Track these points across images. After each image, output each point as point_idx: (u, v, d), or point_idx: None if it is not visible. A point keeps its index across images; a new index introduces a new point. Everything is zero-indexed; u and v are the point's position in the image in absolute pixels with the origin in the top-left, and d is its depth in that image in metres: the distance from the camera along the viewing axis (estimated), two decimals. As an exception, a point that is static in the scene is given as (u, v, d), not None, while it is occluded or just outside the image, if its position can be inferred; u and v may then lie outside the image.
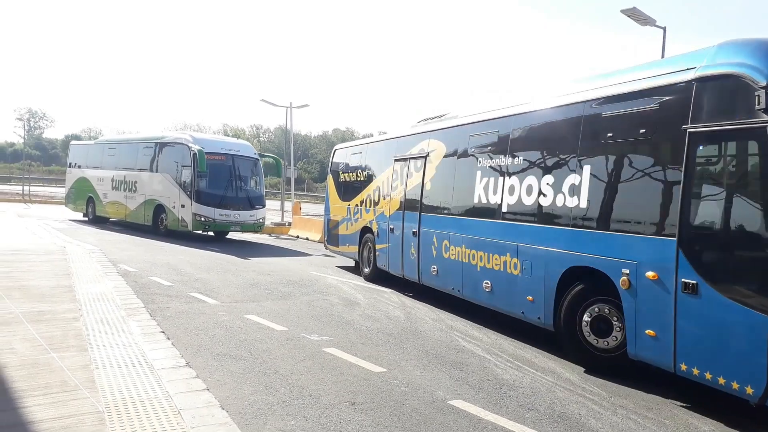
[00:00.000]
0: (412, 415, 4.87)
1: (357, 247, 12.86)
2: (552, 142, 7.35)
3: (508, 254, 7.76)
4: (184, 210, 18.79)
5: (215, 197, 18.69)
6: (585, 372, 6.42)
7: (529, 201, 7.48)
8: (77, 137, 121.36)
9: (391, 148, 11.86)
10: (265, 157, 22.57)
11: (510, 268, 7.72)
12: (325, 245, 15.08)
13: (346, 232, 13.48)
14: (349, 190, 13.60)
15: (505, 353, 7.06)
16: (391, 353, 6.76)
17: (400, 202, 10.95)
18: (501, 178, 8.06)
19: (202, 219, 18.39)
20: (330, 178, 14.97)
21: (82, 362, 5.46)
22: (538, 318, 7.24)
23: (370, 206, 12.32)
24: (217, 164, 18.85)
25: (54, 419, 4.16)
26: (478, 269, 8.42)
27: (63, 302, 7.99)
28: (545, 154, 7.45)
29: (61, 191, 47.46)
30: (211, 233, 20.23)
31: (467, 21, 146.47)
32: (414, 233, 10.28)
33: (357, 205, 12.95)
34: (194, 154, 18.36)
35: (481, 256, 8.36)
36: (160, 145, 20.65)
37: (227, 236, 20.87)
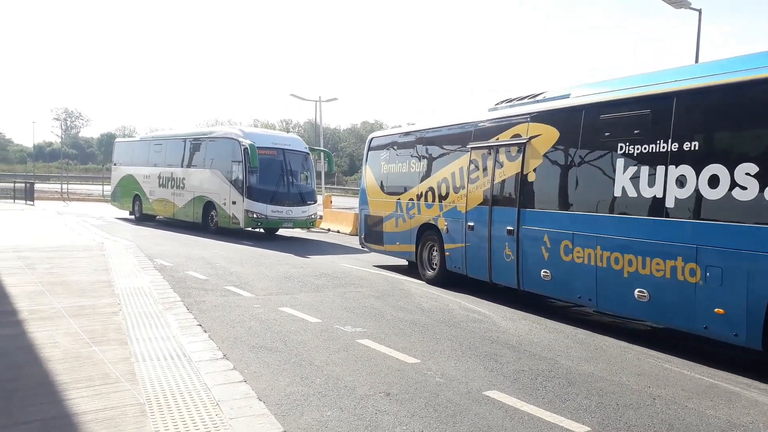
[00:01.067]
0: (447, 406, 4.87)
1: (413, 246, 11.55)
2: (748, 120, 6.09)
3: (678, 258, 6.50)
4: (235, 207, 18.31)
5: (267, 193, 18.20)
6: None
7: (715, 194, 6.17)
8: (112, 135, 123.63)
9: (462, 135, 10.49)
10: (315, 151, 22.12)
11: (683, 274, 6.46)
12: (361, 242, 13.72)
13: (396, 229, 12.18)
14: (396, 182, 12.35)
15: (539, 344, 6.99)
16: (424, 344, 6.76)
17: (484, 196, 9.65)
18: (661, 168, 6.74)
19: (255, 216, 17.92)
20: (367, 169, 13.58)
21: (123, 355, 5.58)
22: (735, 335, 6.04)
23: (433, 200, 11.03)
24: (268, 159, 18.27)
25: (97, 411, 4.26)
26: (626, 275, 7.12)
27: (103, 297, 8.18)
28: (736, 138, 6.28)
29: (97, 189, 48.62)
30: (261, 230, 19.78)
31: (469, 21, 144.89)
32: (509, 232, 8.95)
33: (412, 199, 11.67)
34: (245, 149, 17.80)
35: (630, 260, 7.07)
36: (209, 141, 20.16)
37: (277, 233, 20.35)
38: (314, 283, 10.68)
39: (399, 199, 12.12)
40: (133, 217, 24.18)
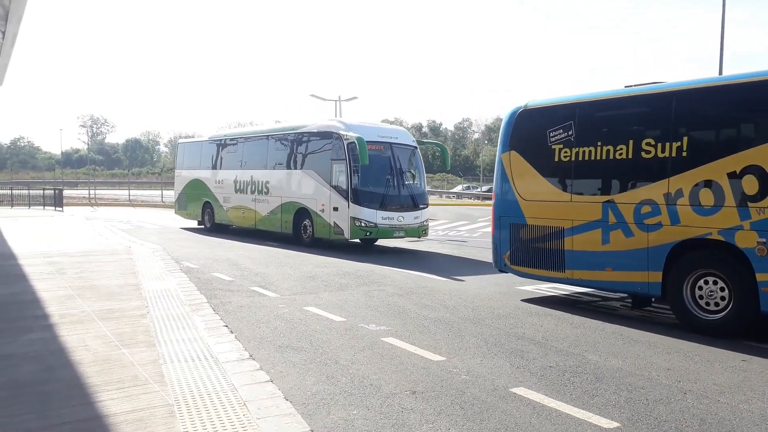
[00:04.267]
0: (473, 404, 4.84)
1: (656, 273, 7.64)
2: None
3: None
4: (337, 214, 15.45)
5: (376, 197, 15.30)
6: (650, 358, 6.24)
7: None
8: (137, 141, 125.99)
9: None
10: (425, 145, 19.00)
11: None
12: (502, 263, 9.68)
13: (604, 248, 8.15)
14: (603, 173, 8.37)
15: (566, 340, 6.92)
16: (449, 342, 6.73)
17: None
18: None
19: (362, 224, 15.02)
20: (514, 158, 9.41)
21: (151, 357, 5.66)
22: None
23: (715, 202, 7.05)
24: (375, 156, 15.19)
25: (127, 412, 4.33)
26: None
27: (131, 300, 8.30)
28: None
29: (123, 194, 49.45)
30: (356, 240, 16.13)
31: (469, 21, 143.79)
32: None
33: (649, 201, 7.66)
34: (351, 143, 15.07)
35: None
36: (301, 137, 17.29)
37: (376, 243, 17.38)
38: (338, 282, 10.71)
39: (611, 200, 8.12)
40: (202, 226, 21.79)
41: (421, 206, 16.08)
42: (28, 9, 10.74)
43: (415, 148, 16.58)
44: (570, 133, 8.71)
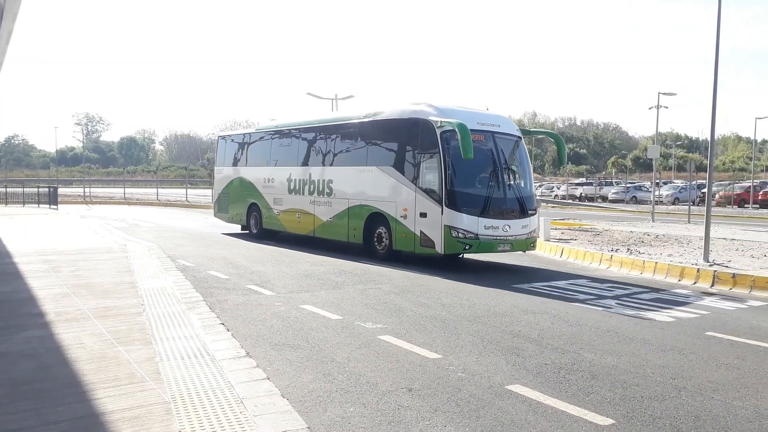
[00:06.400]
0: (469, 401, 4.86)
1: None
2: None
3: None
4: (425, 221, 12.35)
5: (478, 200, 12.17)
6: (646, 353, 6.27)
7: None
8: (132, 139, 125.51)
9: None
10: (531, 135, 15.20)
11: None
12: None
13: None
14: None
15: (561, 338, 6.95)
16: (445, 339, 6.75)
17: None
18: None
19: (461, 235, 11.85)
20: None
21: (148, 355, 5.66)
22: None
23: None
24: (474, 148, 11.65)
25: (124, 410, 4.32)
26: None
27: (126, 298, 8.29)
28: None
29: (118, 192, 49.28)
30: (436, 252, 12.30)
31: (468, 21, 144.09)
32: None
33: None
34: (446, 132, 12.07)
35: None
36: (376, 125, 14.13)
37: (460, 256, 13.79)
38: (334, 280, 10.72)
39: None
40: (247, 231, 18.86)
41: (529, 212, 12.84)
42: (23, 6, 10.69)
43: (519, 138, 13.34)
44: None
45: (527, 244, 12.73)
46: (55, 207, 32.15)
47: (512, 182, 12.70)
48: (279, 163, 17.56)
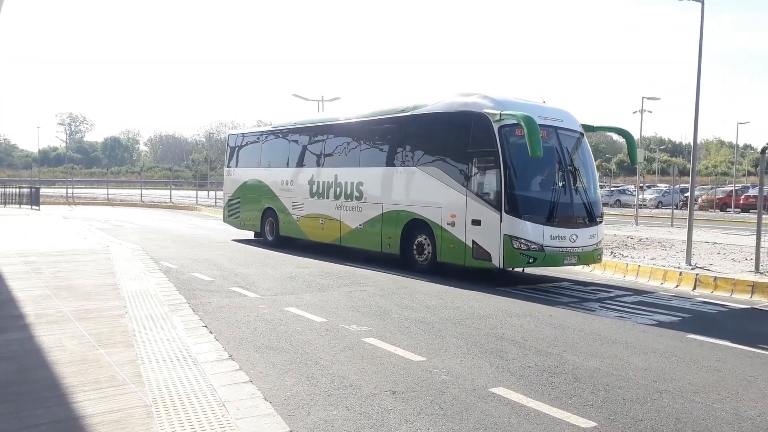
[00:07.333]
0: (453, 403, 4.87)
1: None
2: None
3: None
4: (479, 230, 10.85)
5: (543, 206, 10.77)
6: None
7: None
8: (117, 140, 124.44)
9: None
10: (597, 130, 12.91)
11: None
12: None
13: None
14: None
15: (545, 340, 6.98)
16: (430, 342, 6.76)
17: None
18: None
19: (523, 246, 10.37)
20: None
21: (129, 357, 5.60)
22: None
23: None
24: None
25: (104, 413, 4.28)
26: None
27: (108, 300, 8.21)
28: None
29: (102, 193, 48.77)
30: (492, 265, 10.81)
31: (462, 21, 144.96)
32: None
33: None
34: (506, 127, 10.63)
35: None
36: (417, 120, 12.60)
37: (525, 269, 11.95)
38: (319, 282, 10.69)
39: None
40: (262, 238, 17.38)
41: (597, 219, 11.41)
42: (5, 5, 10.59)
43: (582, 135, 11.79)
44: None
45: (594, 256, 11.32)
46: (37, 208, 31.77)
47: (578, 185, 11.18)
48: (299, 163, 16.04)
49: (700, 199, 41.77)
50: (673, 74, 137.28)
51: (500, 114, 10.63)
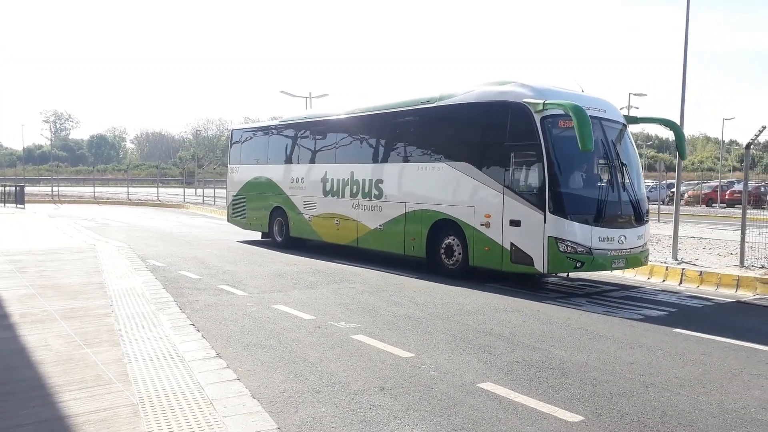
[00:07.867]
0: (441, 399, 4.88)
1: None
2: None
3: None
4: (519, 231, 9.95)
5: (590, 204, 9.83)
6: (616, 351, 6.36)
7: None
8: (103, 137, 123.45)
9: None
10: (641, 121, 12.31)
11: None
12: None
13: None
14: None
15: (533, 335, 7.02)
16: (418, 338, 6.77)
17: None
18: None
19: (570, 249, 9.46)
20: None
21: (116, 356, 5.56)
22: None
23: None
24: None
25: (90, 413, 4.24)
26: None
27: (95, 299, 8.14)
28: None
29: (88, 191, 48.32)
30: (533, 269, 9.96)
31: (454, 18, 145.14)
32: None
33: None
34: (549, 118, 9.70)
35: None
36: (447, 112, 11.56)
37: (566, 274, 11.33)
38: (308, 280, 10.67)
39: None
40: (270, 239, 16.45)
41: (645, 219, 10.59)
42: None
43: (625, 126, 10.87)
44: None
45: (641, 259, 10.46)
46: (21, 206, 31.46)
47: (626, 181, 10.25)
48: (312, 159, 15.04)
49: (686, 195, 42.09)
50: (659, 73, 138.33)
51: (543, 104, 9.67)
